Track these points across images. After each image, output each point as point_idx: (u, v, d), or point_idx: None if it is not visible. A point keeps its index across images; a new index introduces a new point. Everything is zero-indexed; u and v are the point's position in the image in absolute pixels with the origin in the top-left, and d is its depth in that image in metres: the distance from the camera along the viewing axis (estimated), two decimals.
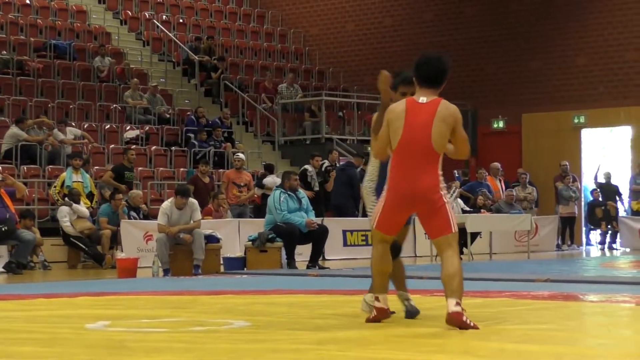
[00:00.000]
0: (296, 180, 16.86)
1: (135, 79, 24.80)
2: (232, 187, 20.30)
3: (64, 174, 18.76)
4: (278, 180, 18.37)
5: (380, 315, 7.44)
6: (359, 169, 20.07)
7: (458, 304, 6.96)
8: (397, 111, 7.38)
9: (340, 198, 20.27)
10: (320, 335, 6.78)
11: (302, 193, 16.90)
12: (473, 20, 28.49)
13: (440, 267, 7.19)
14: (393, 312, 8.02)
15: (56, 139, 20.92)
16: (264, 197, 19.40)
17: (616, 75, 26.24)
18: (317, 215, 17.29)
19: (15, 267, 15.92)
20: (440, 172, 7.31)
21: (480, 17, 28.38)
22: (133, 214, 18.28)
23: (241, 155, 21.19)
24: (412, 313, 7.89)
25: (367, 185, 8.14)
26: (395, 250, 7.89)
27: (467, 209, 20.58)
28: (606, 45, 26.35)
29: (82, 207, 17.99)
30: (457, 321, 6.89)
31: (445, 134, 7.30)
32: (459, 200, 20.66)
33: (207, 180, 20.15)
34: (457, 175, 23.55)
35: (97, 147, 21.96)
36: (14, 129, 20.47)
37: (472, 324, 6.90)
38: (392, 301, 8.32)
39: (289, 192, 16.32)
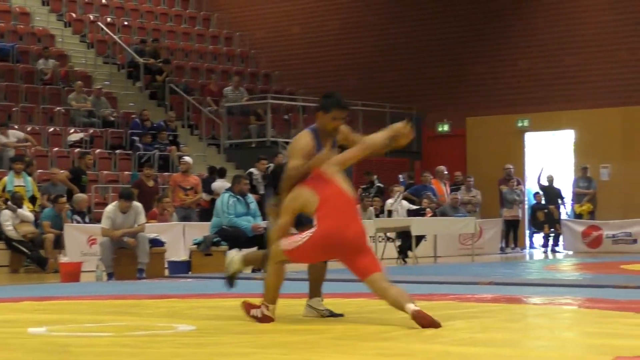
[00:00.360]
0: (246, 185, 16.83)
1: (80, 82, 24.63)
2: (178, 190, 20.20)
3: (5, 178, 18.58)
4: (227, 185, 18.33)
5: (265, 321, 7.64)
6: None
7: (414, 303, 7.20)
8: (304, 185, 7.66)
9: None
10: (264, 339, 6.78)
11: (251, 198, 16.90)
12: (417, 23, 28.62)
13: (385, 299, 7.40)
14: (342, 315, 8.04)
15: None
16: (213, 201, 19.33)
17: (558, 79, 26.51)
18: (263, 219, 17.27)
19: None
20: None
21: (424, 20, 28.52)
22: (77, 217, 18.13)
23: (187, 159, 21.08)
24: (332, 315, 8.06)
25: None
26: None
27: (413, 207, 20.66)
28: (547, 50, 26.62)
29: (26, 212, 17.83)
30: (422, 316, 7.09)
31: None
32: (404, 202, 20.73)
33: (151, 183, 20.05)
34: (402, 180, 23.63)
35: (41, 150, 21.77)
36: None
37: (436, 319, 7.13)
38: (337, 305, 8.33)
39: (238, 196, 16.28)
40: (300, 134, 7.92)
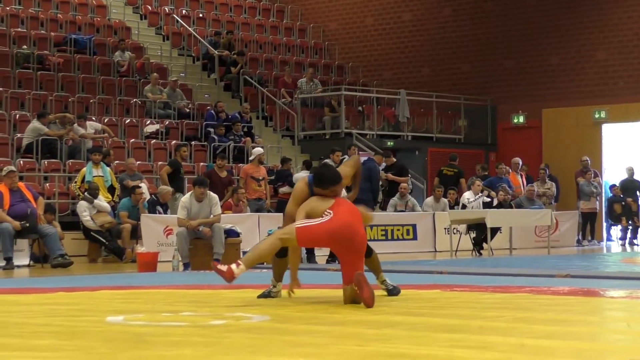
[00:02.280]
0: None
1: (155, 74, 24.86)
2: (250, 181, 20.26)
3: (85, 168, 18.80)
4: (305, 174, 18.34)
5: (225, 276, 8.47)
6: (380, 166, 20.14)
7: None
8: None
9: (360, 192, 20.19)
10: (338, 330, 6.78)
11: None
12: (492, 15, 28.42)
13: None
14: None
15: (76, 134, 20.98)
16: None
17: (636, 70, 26.13)
18: None
19: (61, 258, 15.88)
20: None
21: (499, 11, 28.31)
22: (159, 208, 18.25)
23: (258, 149, 21.03)
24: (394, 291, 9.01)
25: None
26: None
27: (488, 199, 20.48)
28: (625, 40, 26.26)
29: (103, 202, 18.04)
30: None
31: None
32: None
33: (224, 174, 20.06)
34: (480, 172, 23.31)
35: (118, 141, 22.02)
36: (35, 124, 20.54)
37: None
38: None
39: None
40: (298, 183, 9.04)
